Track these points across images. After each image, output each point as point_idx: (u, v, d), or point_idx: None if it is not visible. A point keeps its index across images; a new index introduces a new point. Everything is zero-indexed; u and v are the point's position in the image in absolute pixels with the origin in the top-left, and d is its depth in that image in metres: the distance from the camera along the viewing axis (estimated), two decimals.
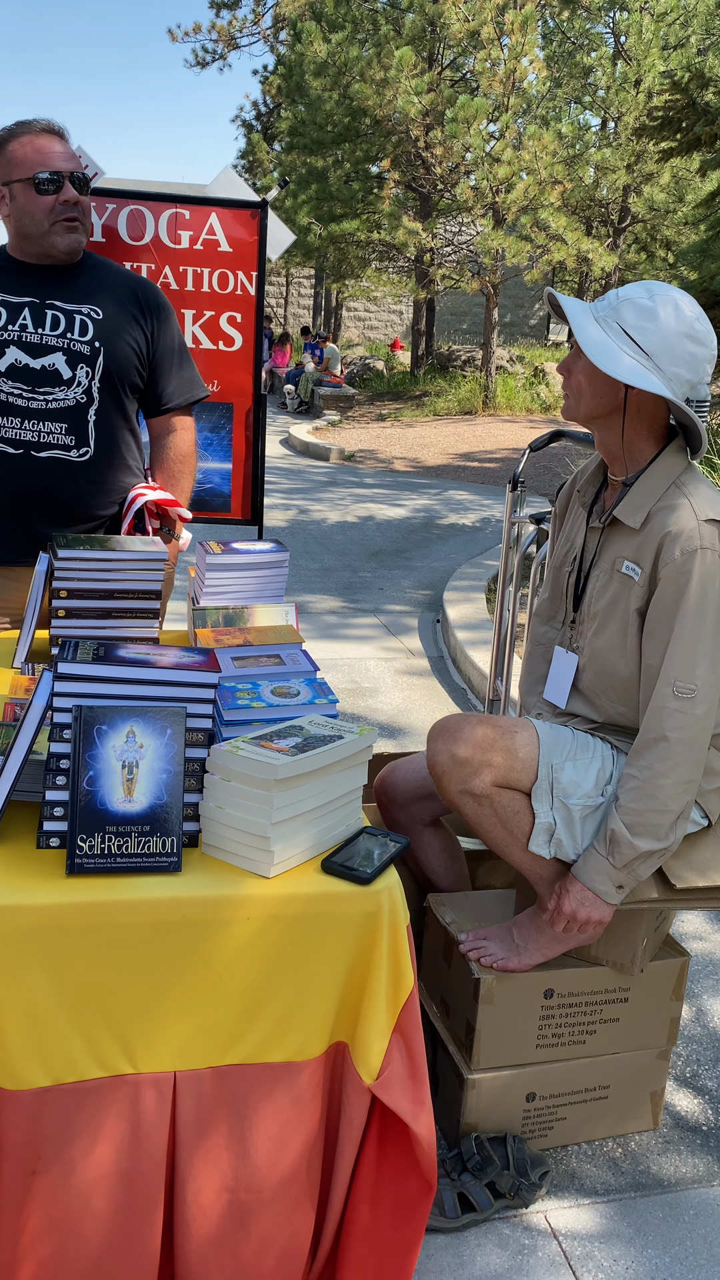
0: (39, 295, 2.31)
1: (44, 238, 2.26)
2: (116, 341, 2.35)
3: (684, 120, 8.81)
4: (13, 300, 2.29)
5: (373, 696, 4.62)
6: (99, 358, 2.32)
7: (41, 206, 2.23)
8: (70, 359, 2.30)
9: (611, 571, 1.91)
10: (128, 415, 2.42)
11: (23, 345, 2.28)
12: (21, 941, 1.38)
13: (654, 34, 15.70)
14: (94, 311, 2.33)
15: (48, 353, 2.29)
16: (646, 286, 1.83)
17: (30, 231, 2.27)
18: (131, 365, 2.38)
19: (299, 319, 28.97)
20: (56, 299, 2.32)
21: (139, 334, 2.39)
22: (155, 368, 2.44)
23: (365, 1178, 1.57)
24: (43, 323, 2.29)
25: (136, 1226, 1.48)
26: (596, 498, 2.02)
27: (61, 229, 2.26)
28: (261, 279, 3.42)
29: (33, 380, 2.29)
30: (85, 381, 2.31)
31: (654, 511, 1.84)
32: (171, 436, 2.52)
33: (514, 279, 18.80)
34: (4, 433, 2.29)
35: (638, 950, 2.01)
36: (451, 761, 1.85)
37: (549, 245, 14.71)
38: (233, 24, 22.20)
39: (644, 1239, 1.90)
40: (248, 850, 1.48)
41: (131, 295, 2.40)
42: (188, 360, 2.52)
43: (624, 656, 1.89)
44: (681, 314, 1.79)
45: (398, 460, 12.38)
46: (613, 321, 1.81)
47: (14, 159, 2.24)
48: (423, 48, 15.90)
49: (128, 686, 1.50)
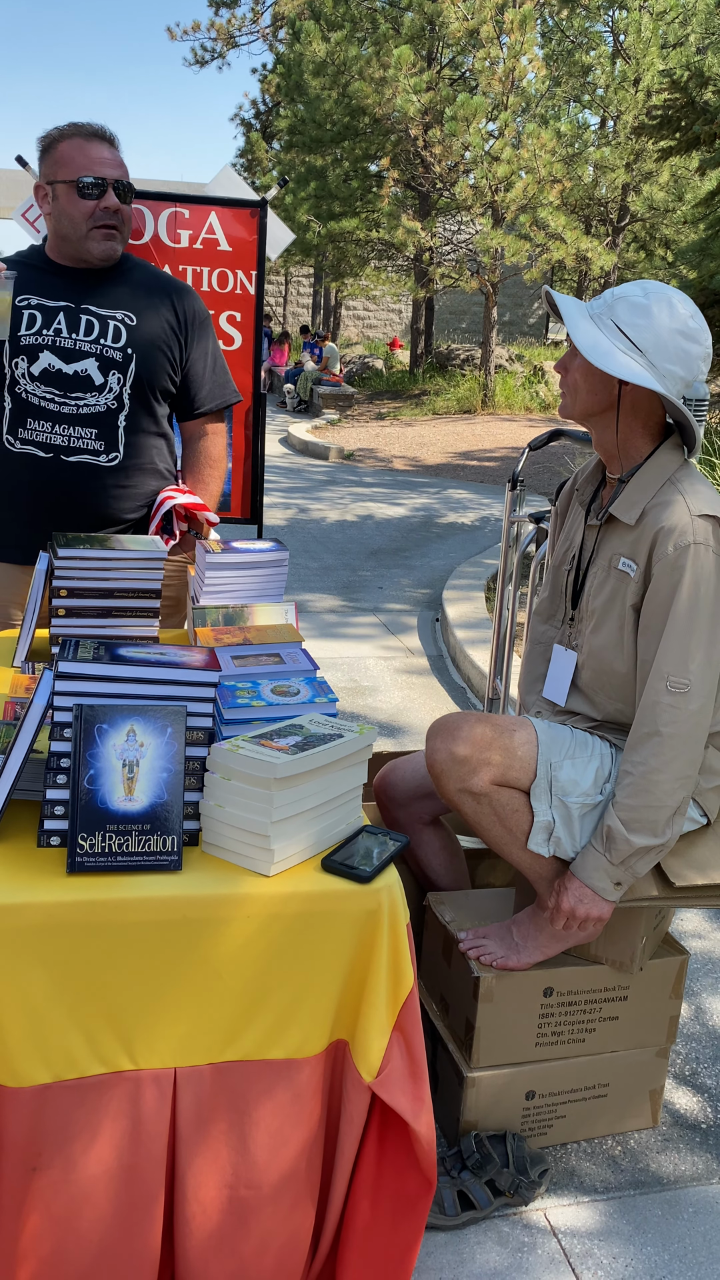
0: (74, 300, 2.31)
1: (80, 241, 2.26)
2: (149, 348, 2.35)
3: (683, 119, 8.82)
4: (48, 304, 2.29)
5: (372, 695, 4.62)
6: (131, 364, 2.32)
7: (82, 210, 2.23)
8: (102, 365, 2.30)
9: (609, 569, 1.92)
10: (158, 420, 2.42)
11: (56, 350, 2.28)
12: (22, 940, 1.38)
13: (653, 32, 15.70)
14: (128, 318, 2.33)
15: (80, 358, 2.29)
16: (641, 285, 1.85)
17: (68, 234, 2.26)
18: (164, 371, 2.38)
19: (298, 318, 28.96)
20: (91, 304, 2.31)
21: (173, 340, 2.39)
22: (189, 373, 2.44)
23: (365, 1175, 1.58)
24: (76, 328, 2.29)
25: (137, 1223, 1.48)
26: (595, 496, 2.03)
27: (99, 235, 2.25)
28: (261, 278, 3.42)
29: (65, 385, 2.29)
30: (116, 388, 2.31)
31: (649, 508, 1.86)
32: (202, 441, 2.53)
33: (513, 278, 18.79)
34: (35, 436, 2.30)
35: (637, 948, 2.01)
36: (450, 760, 1.85)
37: (548, 244, 14.71)
38: (231, 22, 22.20)
39: (643, 1236, 1.90)
40: (248, 849, 1.49)
41: (167, 301, 2.39)
42: (221, 365, 2.52)
43: (621, 653, 1.90)
44: (675, 312, 1.81)
45: (397, 459, 12.38)
46: (607, 319, 1.83)
47: (61, 159, 2.23)
48: (422, 46, 15.90)
49: (128, 685, 1.51)
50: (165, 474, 2.47)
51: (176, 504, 2.37)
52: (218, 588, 2.17)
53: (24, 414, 2.30)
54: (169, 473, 2.49)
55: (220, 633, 1.97)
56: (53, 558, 2.04)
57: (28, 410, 2.29)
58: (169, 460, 2.50)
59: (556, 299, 1.87)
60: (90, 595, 2.03)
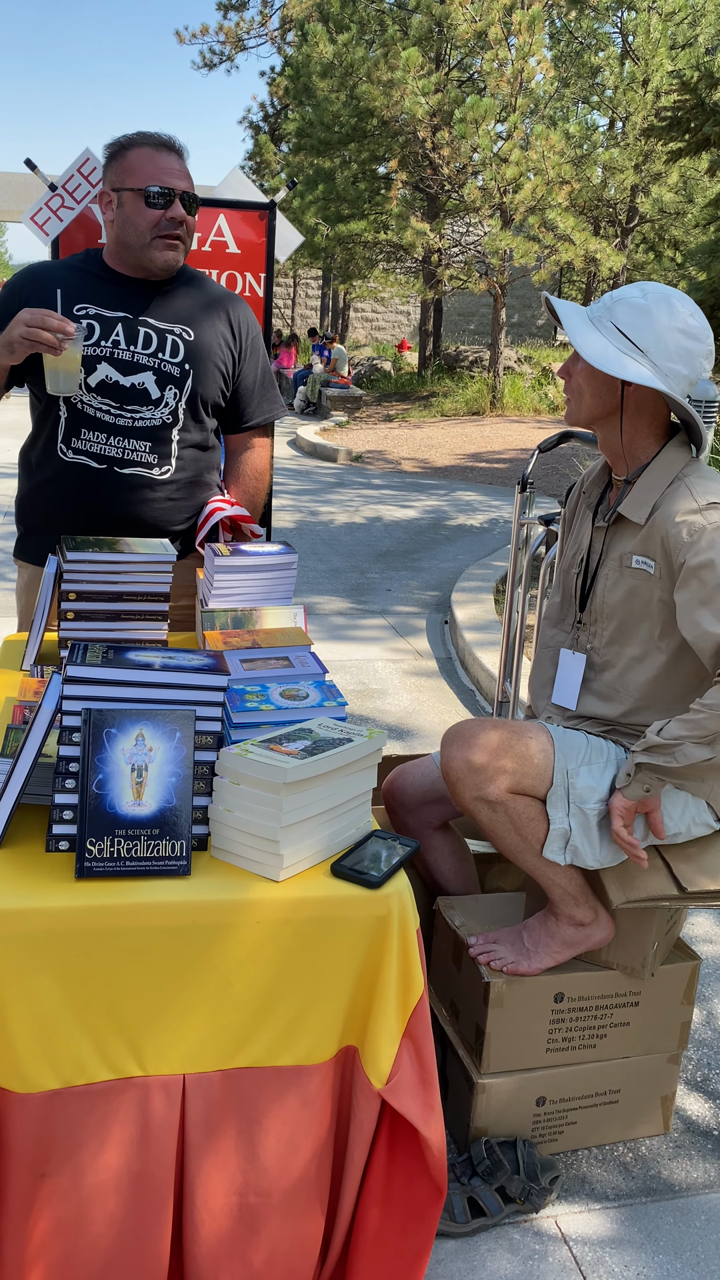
0: (132, 311, 2.30)
1: (144, 250, 2.25)
2: (205, 364, 2.35)
3: (692, 120, 8.79)
4: (106, 315, 2.28)
5: (381, 698, 4.61)
6: (188, 380, 2.32)
7: (147, 219, 2.22)
8: (160, 379, 2.29)
9: (620, 568, 1.91)
10: (208, 433, 2.43)
11: (114, 362, 2.27)
12: (31, 945, 1.38)
13: (662, 33, 15.67)
14: (185, 333, 2.32)
15: (138, 371, 2.28)
16: (640, 287, 1.86)
17: (131, 242, 2.25)
18: (217, 387, 2.38)
19: (306, 320, 28.98)
20: (150, 316, 2.31)
21: (228, 356, 2.39)
22: (239, 387, 2.44)
23: (375, 1182, 1.57)
24: (135, 340, 2.29)
25: (146, 1229, 1.47)
26: (601, 498, 2.02)
27: (161, 245, 2.24)
28: (270, 280, 3.42)
29: (121, 397, 2.28)
30: (173, 403, 2.30)
31: (658, 504, 1.86)
32: (249, 454, 2.53)
33: (521, 279, 18.78)
34: (90, 447, 2.29)
35: (648, 954, 2.00)
36: (466, 768, 1.84)
37: (557, 245, 14.69)
38: (240, 26, 22.23)
39: (655, 1244, 1.89)
40: (257, 854, 1.48)
41: (224, 316, 2.39)
42: (270, 379, 2.53)
43: (650, 647, 1.89)
44: (675, 311, 1.81)
45: (405, 461, 12.37)
46: (607, 322, 1.83)
47: (130, 167, 2.23)
48: (430, 48, 15.89)
49: (137, 689, 1.50)
50: (212, 485, 2.47)
51: (225, 516, 2.37)
52: (226, 591, 2.16)
53: (79, 424, 2.29)
54: (215, 484, 2.50)
55: (229, 636, 1.96)
56: (61, 561, 2.03)
57: (83, 421, 2.29)
58: (216, 472, 2.50)
59: (555, 304, 1.88)
60: (99, 599, 2.03)
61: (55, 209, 3.42)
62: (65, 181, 3.27)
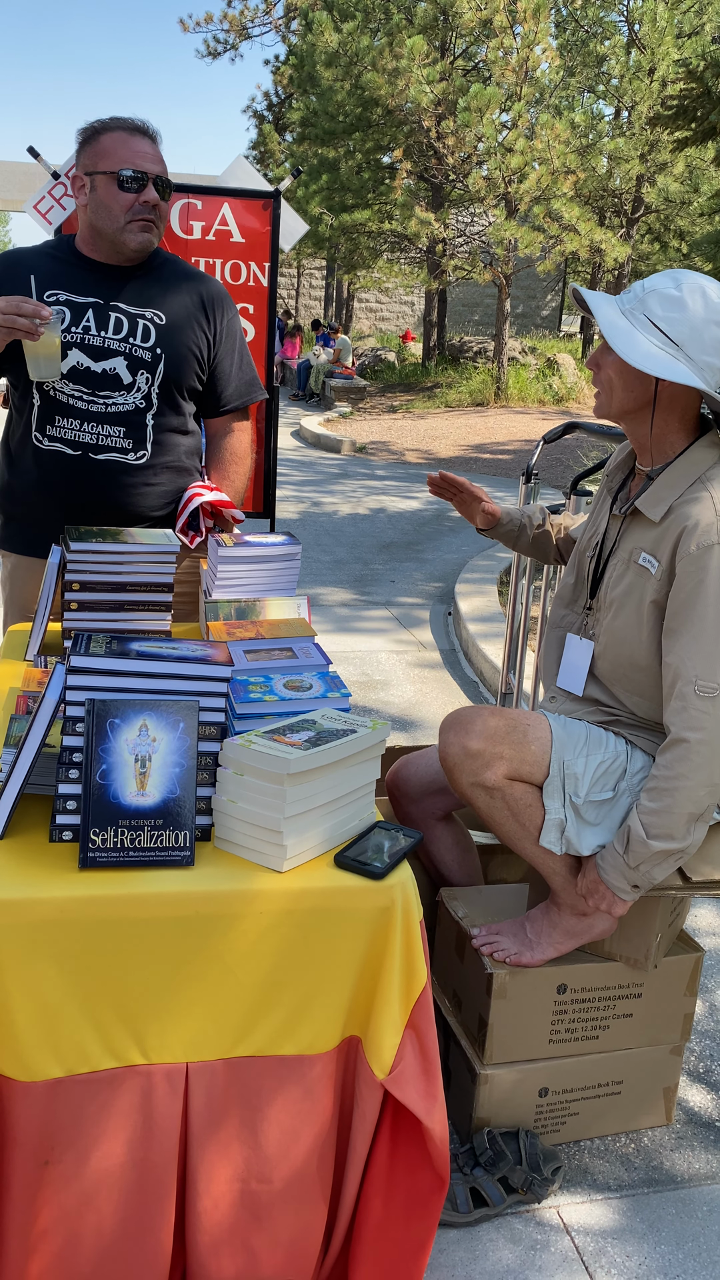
0: (103, 296, 2.29)
1: (117, 234, 2.24)
2: (178, 347, 2.33)
3: (699, 109, 8.75)
4: (77, 300, 2.28)
5: (384, 689, 4.61)
6: (160, 364, 2.31)
7: (121, 203, 2.21)
8: (131, 364, 2.29)
9: (629, 562, 1.89)
10: (185, 418, 2.41)
11: (85, 348, 2.26)
12: (34, 935, 1.38)
13: (668, 22, 15.58)
14: (157, 316, 2.31)
15: (109, 356, 2.28)
16: (673, 275, 1.79)
17: (104, 226, 2.25)
18: (191, 370, 2.37)
19: (310, 310, 28.91)
20: (120, 301, 2.30)
21: (201, 338, 2.38)
22: (216, 371, 2.43)
23: (378, 1172, 1.57)
24: (105, 326, 2.28)
25: (148, 1217, 1.48)
26: (623, 485, 2.00)
27: (135, 228, 2.24)
28: (274, 270, 3.40)
29: (93, 383, 2.28)
30: (145, 387, 2.30)
31: (675, 505, 1.82)
32: (228, 438, 2.52)
33: (526, 270, 18.71)
34: (64, 434, 2.29)
35: (651, 945, 2.00)
36: (463, 754, 1.84)
37: (562, 236, 14.64)
38: (244, 14, 22.12)
39: (657, 1235, 1.89)
40: (260, 844, 1.48)
41: (196, 298, 2.38)
42: (248, 363, 2.51)
43: (640, 647, 1.88)
44: (710, 301, 1.76)
45: (409, 452, 12.35)
46: (640, 314, 1.77)
47: (103, 150, 2.22)
48: (435, 37, 15.81)
49: (140, 680, 1.50)
50: (192, 471, 2.46)
51: (204, 501, 2.36)
52: (230, 582, 2.16)
53: (53, 411, 2.29)
54: (196, 470, 2.48)
55: (233, 627, 1.96)
56: (65, 551, 2.03)
57: (57, 408, 2.29)
58: (196, 457, 2.49)
59: (586, 296, 1.82)
60: (102, 589, 2.03)
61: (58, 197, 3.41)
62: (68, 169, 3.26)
